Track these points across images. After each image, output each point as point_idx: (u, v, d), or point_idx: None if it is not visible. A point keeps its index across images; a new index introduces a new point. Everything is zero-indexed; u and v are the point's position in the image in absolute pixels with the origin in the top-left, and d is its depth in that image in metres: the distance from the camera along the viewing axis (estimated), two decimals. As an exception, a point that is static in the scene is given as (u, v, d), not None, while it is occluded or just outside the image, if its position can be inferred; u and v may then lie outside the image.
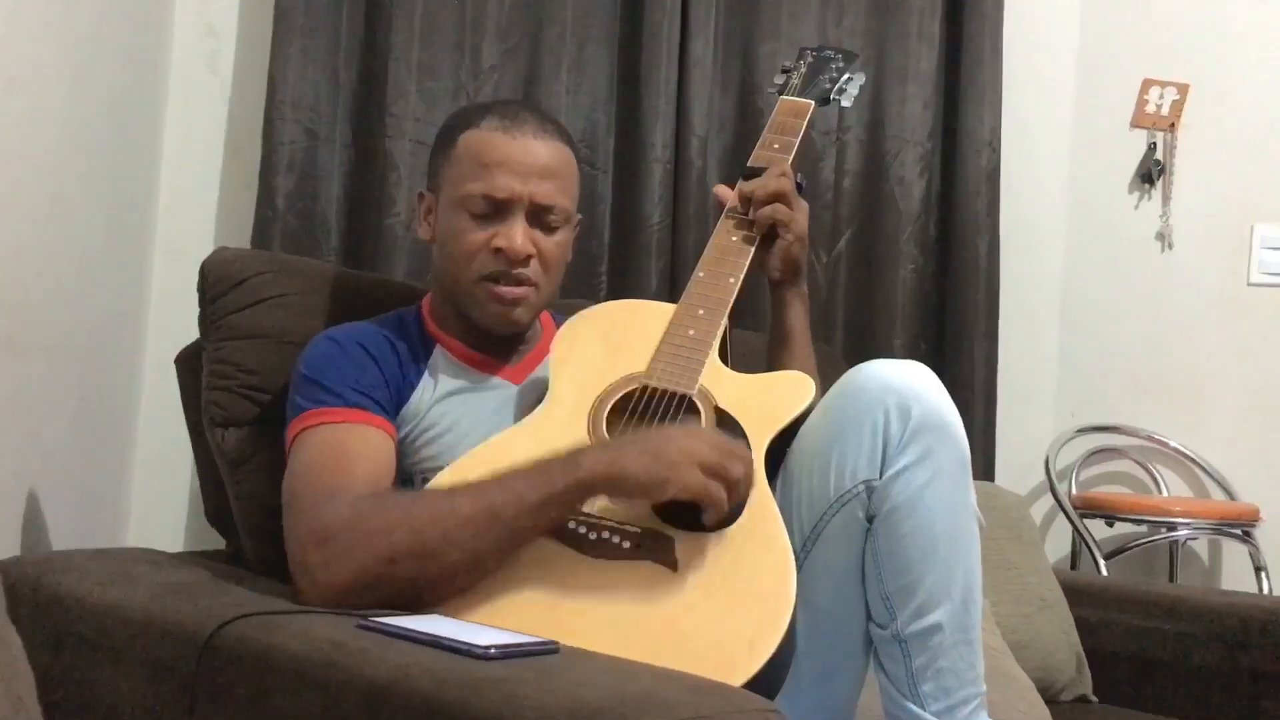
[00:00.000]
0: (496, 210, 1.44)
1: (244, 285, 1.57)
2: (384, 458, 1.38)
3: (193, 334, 1.61)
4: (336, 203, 2.29)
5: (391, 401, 1.43)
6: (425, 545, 1.21)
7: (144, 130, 2.17)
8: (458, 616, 1.18)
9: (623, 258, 2.44)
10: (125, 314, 2.12)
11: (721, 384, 1.41)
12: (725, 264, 1.52)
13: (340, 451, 1.34)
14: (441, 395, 1.46)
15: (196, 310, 1.58)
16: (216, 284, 1.57)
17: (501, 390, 1.50)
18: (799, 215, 1.55)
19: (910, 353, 2.60)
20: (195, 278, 1.59)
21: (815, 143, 2.58)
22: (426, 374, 1.48)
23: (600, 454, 1.24)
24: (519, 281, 1.45)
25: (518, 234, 1.43)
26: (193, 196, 2.30)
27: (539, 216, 1.45)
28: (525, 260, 1.44)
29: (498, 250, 1.43)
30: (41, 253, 1.61)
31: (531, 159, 1.45)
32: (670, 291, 2.36)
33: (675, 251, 2.44)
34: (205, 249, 1.67)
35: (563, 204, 1.47)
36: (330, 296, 1.63)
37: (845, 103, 1.74)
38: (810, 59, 1.77)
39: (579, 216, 1.57)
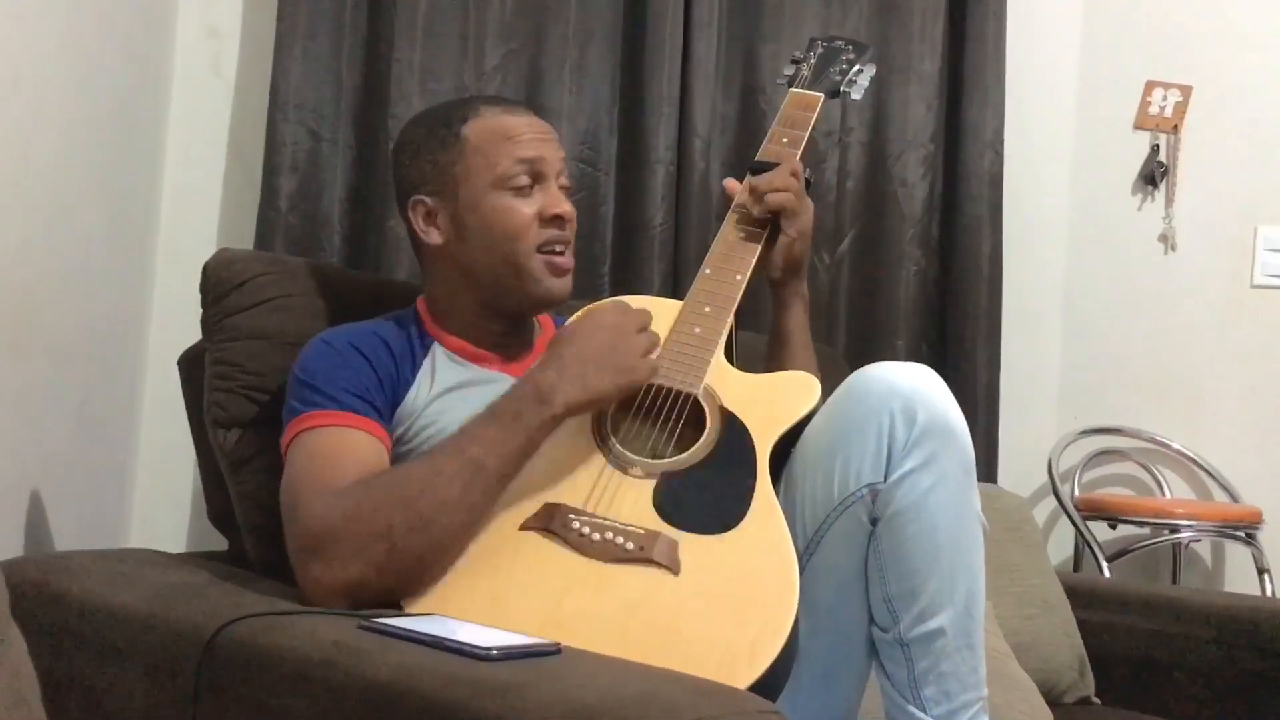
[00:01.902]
0: (534, 179, 1.47)
1: (246, 286, 1.57)
2: (377, 462, 1.37)
3: (195, 335, 1.61)
4: (339, 204, 2.29)
5: (386, 402, 1.43)
6: (420, 514, 1.22)
7: (147, 131, 2.17)
8: (460, 617, 1.18)
9: (625, 259, 2.44)
10: (128, 315, 2.12)
11: (727, 383, 1.41)
12: (732, 261, 1.51)
13: (334, 455, 1.34)
14: (440, 391, 1.45)
15: (199, 311, 1.59)
16: (219, 285, 1.57)
17: (500, 385, 1.48)
18: (803, 213, 1.54)
19: (912, 354, 2.59)
20: (198, 279, 1.59)
21: (818, 144, 2.58)
22: (423, 370, 1.47)
23: (566, 384, 1.29)
24: (569, 244, 1.49)
25: (561, 195, 1.48)
26: (195, 197, 2.30)
27: (560, 178, 1.50)
28: (573, 219, 1.49)
29: (554, 217, 1.46)
30: (44, 254, 1.61)
31: (540, 126, 1.51)
32: (673, 292, 2.35)
33: (678, 253, 2.44)
34: (208, 250, 1.67)
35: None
36: (333, 297, 1.63)
37: (855, 95, 1.71)
38: (821, 49, 1.75)
39: None
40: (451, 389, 1.46)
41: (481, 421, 1.29)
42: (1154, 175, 2.88)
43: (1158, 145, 2.89)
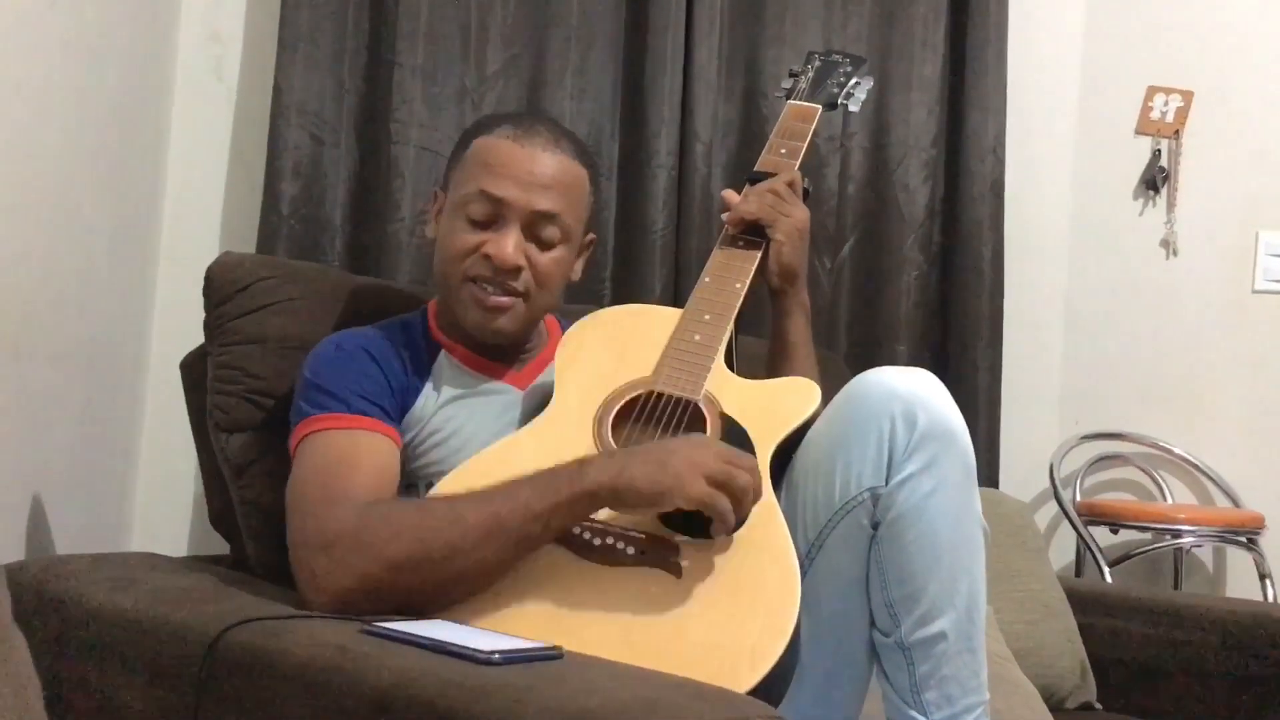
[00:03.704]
0: (493, 216, 1.43)
1: (248, 290, 1.57)
2: (388, 464, 1.38)
3: (197, 339, 1.61)
4: (341, 208, 2.29)
5: (395, 407, 1.43)
6: (430, 554, 1.21)
7: (149, 136, 2.18)
8: (462, 622, 1.18)
9: (627, 264, 2.44)
10: (130, 319, 2.12)
11: (727, 390, 1.41)
12: (731, 269, 1.52)
13: (344, 457, 1.34)
14: (445, 401, 1.46)
15: (201, 315, 1.59)
16: (221, 289, 1.57)
17: (506, 395, 1.50)
18: (784, 217, 1.54)
19: (914, 359, 2.59)
20: (200, 283, 1.59)
21: (819, 149, 2.58)
22: (430, 380, 1.48)
23: (606, 464, 1.24)
24: (506, 291, 1.44)
25: (509, 243, 1.42)
26: (198, 202, 2.30)
27: (536, 229, 1.43)
28: (514, 271, 1.43)
29: (486, 257, 1.42)
30: (47, 258, 1.61)
31: (537, 168, 1.43)
32: (675, 298, 2.35)
33: (679, 258, 2.44)
34: (210, 254, 1.68)
35: (565, 217, 1.44)
36: (334, 302, 1.63)
37: (853, 108, 1.74)
38: (818, 63, 1.77)
39: (591, 236, 1.55)
40: (457, 398, 1.46)
41: (518, 479, 1.25)
42: (1155, 180, 2.88)
43: (1159, 150, 2.89)
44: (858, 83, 1.74)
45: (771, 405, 1.41)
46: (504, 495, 1.23)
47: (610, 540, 1.24)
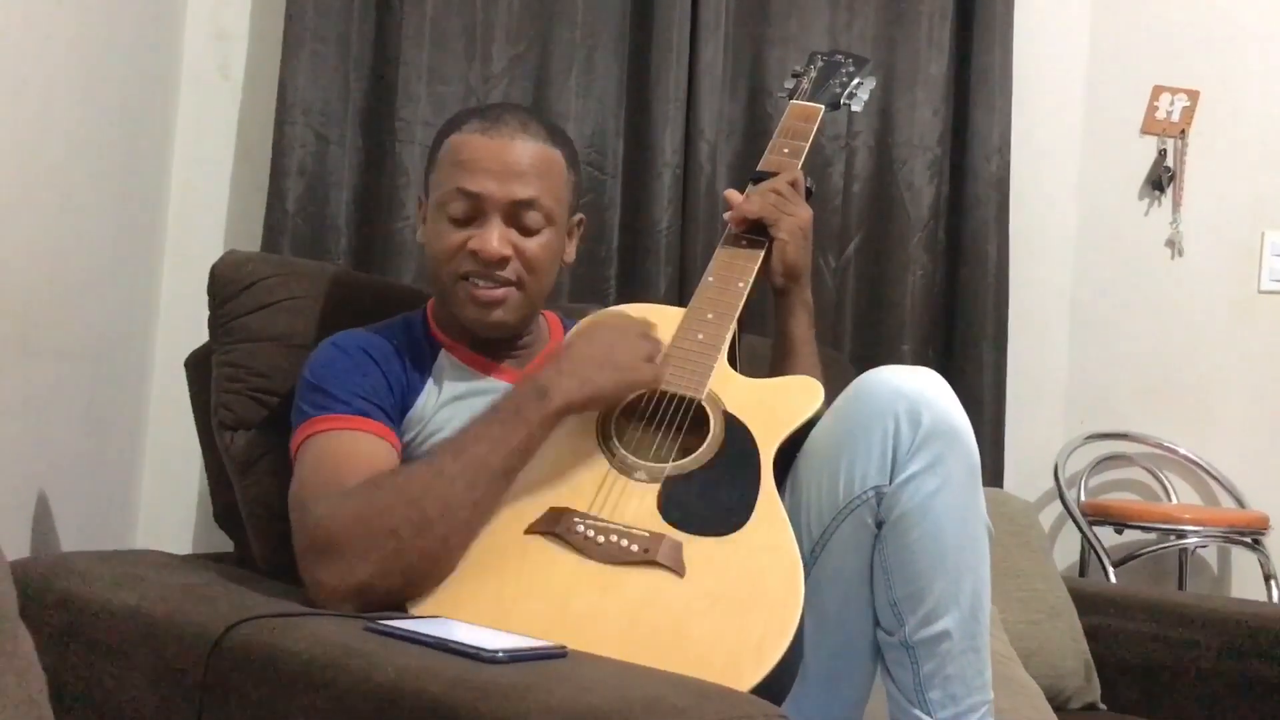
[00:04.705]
0: (474, 212, 1.43)
1: (254, 288, 1.57)
2: (388, 465, 1.37)
3: (203, 337, 1.61)
4: (346, 206, 2.29)
5: (396, 408, 1.43)
6: (425, 513, 1.22)
7: (155, 133, 2.18)
8: (466, 620, 1.18)
9: (632, 263, 2.44)
10: (135, 317, 2.12)
11: (730, 388, 1.42)
12: (734, 269, 1.52)
13: (344, 459, 1.34)
14: (447, 400, 1.46)
15: (206, 313, 1.59)
16: (226, 287, 1.57)
17: (507, 393, 1.50)
18: (787, 216, 1.54)
19: (919, 358, 2.59)
20: (205, 281, 1.59)
21: (824, 148, 2.58)
22: (431, 379, 1.48)
23: (566, 380, 1.30)
24: (498, 282, 1.44)
25: (493, 236, 1.42)
26: (203, 200, 2.30)
27: (517, 216, 1.43)
28: (501, 262, 1.43)
29: (473, 252, 1.42)
30: (52, 255, 1.61)
31: (509, 158, 1.43)
32: (679, 296, 2.36)
33: (684, 256, 2.44)
34: (215, 252, 1.68)
35: (544, 200, 1.44)
36: (339, 300, 1.63)
37: (856, 107, 1.75)
38: (821, 63, 1.78)
39: (580, 217, 1.56)
40: (459, 397, 1.46)
41: (483, 420, 1.30)
42: (1161, 180, 2.88)
43: (1165, 150, 2.88)
44: (860, 83, 1.74)
45: (775, 404, 1.41)
46: (475, 438, 1.28)
47: (613, 538, 1.24)
